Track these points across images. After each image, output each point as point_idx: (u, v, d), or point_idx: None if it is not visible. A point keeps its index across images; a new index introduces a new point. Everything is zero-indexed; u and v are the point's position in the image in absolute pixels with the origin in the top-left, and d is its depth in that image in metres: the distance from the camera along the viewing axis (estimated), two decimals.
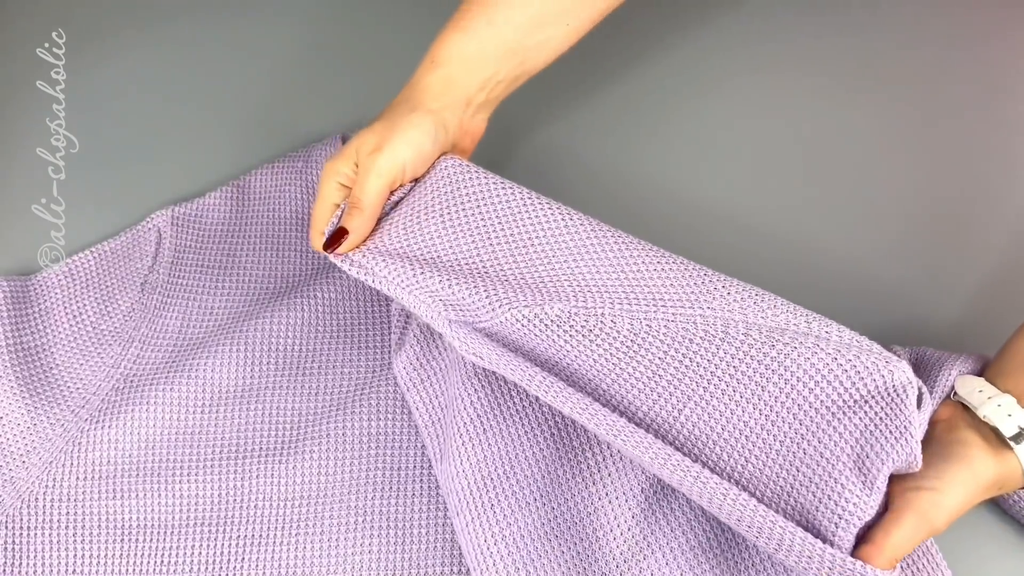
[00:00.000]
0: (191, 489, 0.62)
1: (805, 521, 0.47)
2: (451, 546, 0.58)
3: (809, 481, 0.47)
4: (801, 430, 0.48)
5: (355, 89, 0.81)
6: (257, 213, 0.73)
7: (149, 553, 0.61)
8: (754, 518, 0.46)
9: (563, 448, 0.56)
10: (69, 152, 0.78)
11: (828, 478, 0.46)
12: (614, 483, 0.55)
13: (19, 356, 0.67)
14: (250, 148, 0.78)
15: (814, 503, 0.47)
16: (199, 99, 0.82)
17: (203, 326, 0.68)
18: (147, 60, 0.85)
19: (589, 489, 0.55)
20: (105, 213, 0.75)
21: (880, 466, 0.46)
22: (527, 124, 0.77)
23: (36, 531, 0.61)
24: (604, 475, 0.55)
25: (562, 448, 0.56)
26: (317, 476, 0.61)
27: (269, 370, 0.66)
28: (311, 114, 0.80)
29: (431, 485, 0.60)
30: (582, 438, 0.56)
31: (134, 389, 0.65)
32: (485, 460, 0.55)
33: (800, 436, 0.47)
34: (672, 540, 0.54)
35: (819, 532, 0.46)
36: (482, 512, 0.54)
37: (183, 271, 0.71)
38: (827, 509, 0.46)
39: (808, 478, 0.47)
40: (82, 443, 0.63)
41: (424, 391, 0.61)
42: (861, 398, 0.47)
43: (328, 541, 0.59)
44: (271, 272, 0.71)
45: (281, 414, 0.64)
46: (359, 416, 0.63)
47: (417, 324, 0.63)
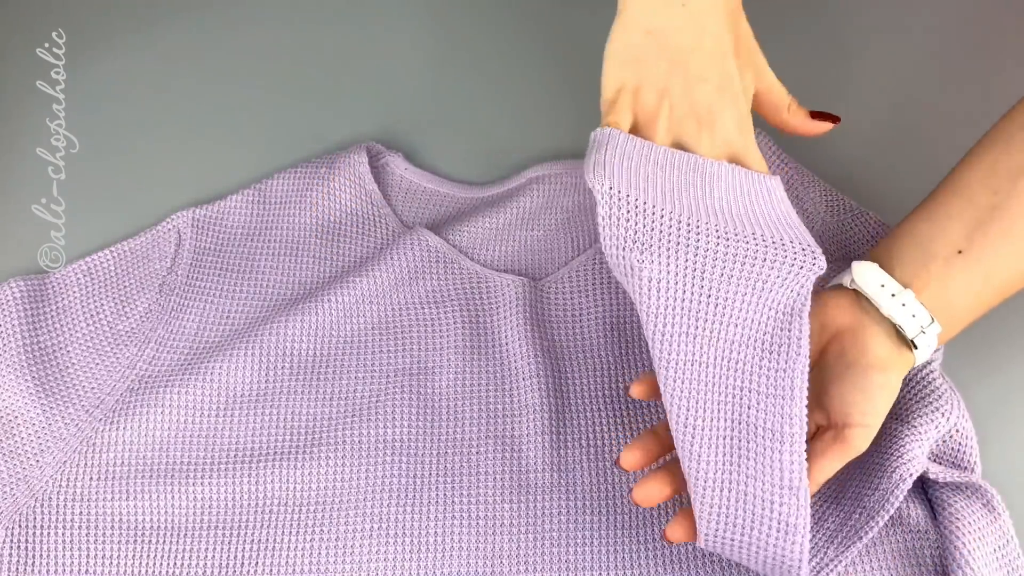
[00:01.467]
0: (205, 492, 0.62)
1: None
2: (466, 554, 0.59)
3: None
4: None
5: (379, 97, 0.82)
6: (277, 218, 0.74)
7: (162, 555, 0.60)
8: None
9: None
10: (69, 152, 0.77)
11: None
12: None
13: (35, 356, 0.66)
14: (250, 148, 0.78)
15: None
16: (200, 99, 0.82)
17: (219, 329, 0.68)
18: (147, 60, 0.85)
19: None
20: (105, 213, 0.75)
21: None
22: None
23: (49, 530, 0.61)
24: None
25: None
26: (332, 482, 0.62)
27: (284, 375, 0.66)
28: (316, 121, 0.80)
29: (447, 493, 0.61)
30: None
31: (149, 391, 0.65)
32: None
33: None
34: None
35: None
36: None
37: (202, 274, 0.71)
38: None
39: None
40: (96, 443, 0.63)
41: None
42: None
43: (342, 547, 0.60)
44: (289, 277, 0.71)
45: (296, 419, 0.64)
46: (375, 422, 0.63)
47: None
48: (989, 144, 0.55)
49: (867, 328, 0.53)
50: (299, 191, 0.74)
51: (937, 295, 0.53)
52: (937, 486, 0.56)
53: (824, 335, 0.54)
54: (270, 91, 0.82)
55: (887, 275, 0.53)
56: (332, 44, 0.85)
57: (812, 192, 0.69)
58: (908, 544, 0.56)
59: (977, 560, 0.53)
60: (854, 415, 0.51)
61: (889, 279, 0.53)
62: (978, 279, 0.53)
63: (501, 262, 0.71)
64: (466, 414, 0.64)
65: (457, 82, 0.81)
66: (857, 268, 0.54)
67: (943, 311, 0.53)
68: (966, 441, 0.57)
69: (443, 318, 0.68)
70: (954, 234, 0.53)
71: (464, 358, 0.66)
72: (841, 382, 0.52)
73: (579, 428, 0.62)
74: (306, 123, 0.80)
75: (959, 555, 0.53)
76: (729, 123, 0.53)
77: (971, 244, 0.53)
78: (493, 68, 0.82)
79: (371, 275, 0.69)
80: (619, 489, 0.60)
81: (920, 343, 0.52)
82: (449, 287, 0.69)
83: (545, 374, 0.64)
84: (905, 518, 0.57)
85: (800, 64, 0.77)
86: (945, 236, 0.53)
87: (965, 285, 0.53)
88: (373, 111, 0.80)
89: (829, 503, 0.56)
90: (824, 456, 0.51)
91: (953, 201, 0.54)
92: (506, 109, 0.79)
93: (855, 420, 0.51)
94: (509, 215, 0.72)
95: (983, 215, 0.53)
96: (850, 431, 0.51)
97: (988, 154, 0.54)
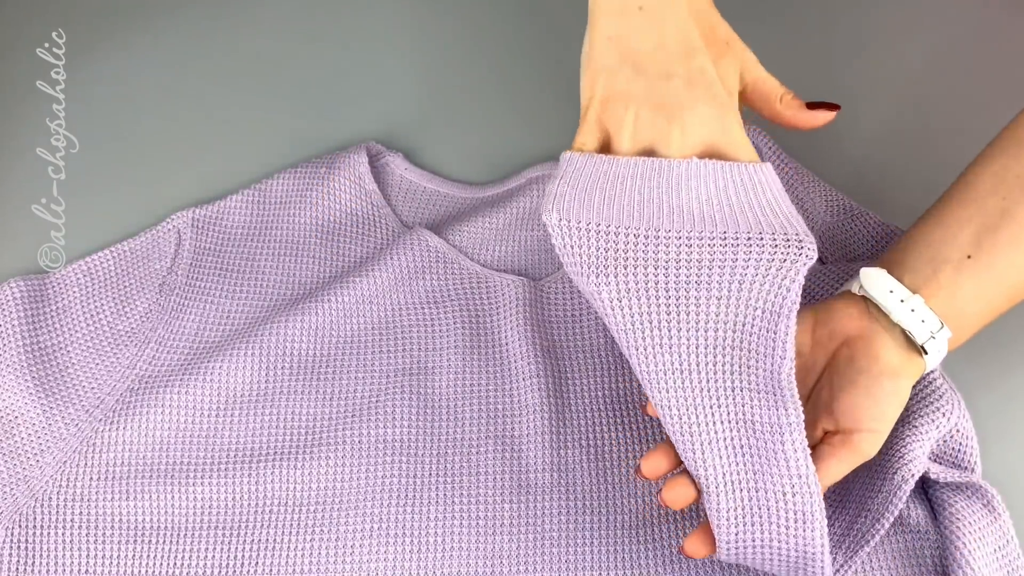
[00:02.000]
0: (204, 492, 0.62)
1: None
2: (466, 554, 0.59)
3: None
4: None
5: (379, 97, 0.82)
6: (277, 218, 0.74)
7: (162, 555, 0.60)
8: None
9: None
10: (69, 152, 0.77)
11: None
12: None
13: (35, 356, 0.66)
14: (250, 148, 0.79)
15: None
16: (200, 100, 0.82)
17: (219, 330, 0.68)
18: (148, 60, 0.85)
19: None
20: (105, 213, 0.75)
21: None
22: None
23: (49, 530, 0.61)
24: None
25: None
26: (332, 482, 0.62)
27: (284, 375, 0.66)
28: (316, 121, 0.80)
29: (447, 493, 0.61)
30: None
31: (149, 391, 0.65)
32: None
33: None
34: None
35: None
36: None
37: (202, 274, 0.71)
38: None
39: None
40: (96, 444, 0.63)
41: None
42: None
43: (342, 547, 0.59)
44: (289, 277, 0.71)
45: (296, 419, 0.64)
46: (375, 422, 0.63)
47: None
48: (997, 150, 0.55)
49: (877, 335, 0.53)
50: (299, 191, 0.74)
51: (947, 301, 0.53)
52: (938, 486, 0.56)
53: (833, 342, 0.54)
54: (270, 91, 0.82)
55: (896, 281, 0.53)
56: (332, 44, 0.85)
57: (812, 192, 0.69)
58: (908, 544, 0.56)
59: (977, 560, 0.53)
60: (864, 420, 0.51)
61: (898, 285, 0.53)
62: (988, 284, 0.53)
63: (501, 262, 0.71)
64: (466, 414, 0.64)
65: (457, 82, 0.82)
66: (865, 274, 0.54)
67: (953, 317, 0.53)
68: (966, 441, 0.57)
69: (443, 318, 0.68)
70: (963, 240, 0.53)
71: (464, 358, 0.66)
72: (851, 388, 0.52)
73: (579, 428, 0.62)
74: (306, 123, 0.80)
75: (959, 555, 0.53)
76: (703, 116, 0.52)
77: (980, 249, 0.52)
78: (492, 68, 0.82)
79: (371, 275, 0.69)
80: (619, 489, 0.60)
81: (930, 348, 0.52)
82: (449, 287, 0.69)
83: (545, 374, 0.64)
84: (906, 519, 0.57)
85: (803, 64, 0.77)
86: (955, 242, 0.53)
87: (975, 290, 0.53)
88: (373, 111, 0.80)
89: (834, 508, 0.56)
90: (831, 459, 0.51)
91: (962, 207, 0.54)
92: (506, 109, 0.79)
93: (864, 426, 0.51)
94: (509, 215, 0.72)
95: (992, 221, 0.53)
96: (859, 436, 0.51)
97: (996, 160, 0.54)
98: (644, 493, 0.60)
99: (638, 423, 0.62)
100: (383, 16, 0.86)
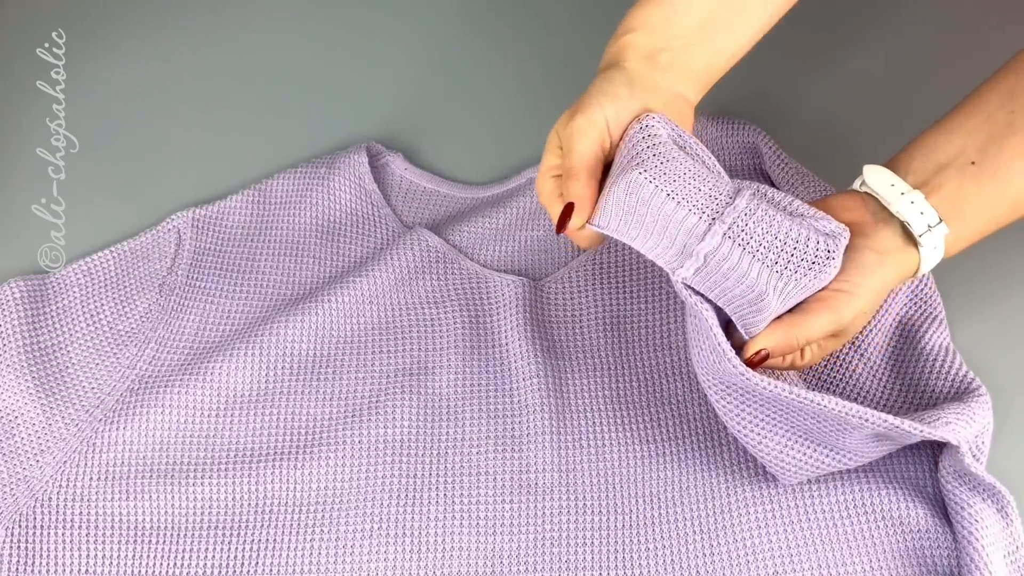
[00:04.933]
0: (204, 492, 0.62)
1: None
2: (466, 554, 0.59)
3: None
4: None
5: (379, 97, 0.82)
6: (278, 218, 0.74)
7: (162, 555, 0.60)
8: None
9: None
10: (69, 152, 0.78)
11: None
12: None
13: (35, 356, 0.66)
14: (250, 148, 0.79)
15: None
16: (200, 99, 0.82)
17: (219, 329, 0.68)
18: (148, 60, 0.85)
19: None
20: (105, 213, 0.75)
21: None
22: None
23: (49, 530, 0.61)
24: None
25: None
26: (332, 482, 0.62)
27: (284, 375, 0.66)
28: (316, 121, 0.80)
29: (447, 493, 0.61)
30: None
31: (149, 391, 0.65)
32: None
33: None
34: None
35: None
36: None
37: (202, 274, 0.71)
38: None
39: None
40: (96, 444, 0.63)
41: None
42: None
43: (343, 547, 0.59)
44: (289, 277, 0.71)
45: (296, 419, 0.64)
46: (375, 422, 0.63)
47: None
48: (1010, 71, 0.55)
49: (874, 225, 0.54)
50: (299, 191, 0.74)
51: (947, 201, 0.53)
52: (954, 485, 0.56)
53: None
54: (270, 91, 0.82)
55: (898, 177, 0.54)
56: (332, 44, 0.85)
57: (812, 192, 0.69)
58: (908, 544, 0.56)
59: (995, 563, 0.53)
60: (843, 284, 0.52)
61: (899, 180, 0.54)
62: (990, 192, 0.53)
63: (501, 262, 0.71)
64: (466, 414, 0.64)
65: (457, 82, 0.82)
66: (868, 170, 0.55)
67: (953, 218, 0.53)
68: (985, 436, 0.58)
69: (443, 318, 0.68)
70: (969, 147, 0.53)
71: (464, 358, 0.66)
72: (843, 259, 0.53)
73: (579, 428, 0.62)
74: (306, 123, 0.80)
75: (978, 557, 0.53)
76: (612, 91, 0.55)
77: (985, 156, 0.53)
78: (493, 68, 0.82)
79: (371, 275, 0.69)
80: (619, 489, 0.60)
81: (926, 242, 0.53)
82: (449, 287, 0.69)
83: (545, 374, 0.64)
84: (905, 518, 0.56)
85: (805, 63, 0.77)
86: (960, 148, 0.54)
87: (976, 196, 0.53)
88: (373, 111, 0.80)
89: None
90: (809, 313, 0.52)
91: (969, 118, 0.54)
92: (506, 109, 0.79)
93: (843, 287, 0.52)
94: (509, 215, 0.72)
95: (999, 131, 0.53)
96: (836, 295, 0.52)
97: (1007, 80, 0.54)
98: (644, 493, 0.60)
99: (638, 423, 0.62)
100: (383, 16, 0.86)
